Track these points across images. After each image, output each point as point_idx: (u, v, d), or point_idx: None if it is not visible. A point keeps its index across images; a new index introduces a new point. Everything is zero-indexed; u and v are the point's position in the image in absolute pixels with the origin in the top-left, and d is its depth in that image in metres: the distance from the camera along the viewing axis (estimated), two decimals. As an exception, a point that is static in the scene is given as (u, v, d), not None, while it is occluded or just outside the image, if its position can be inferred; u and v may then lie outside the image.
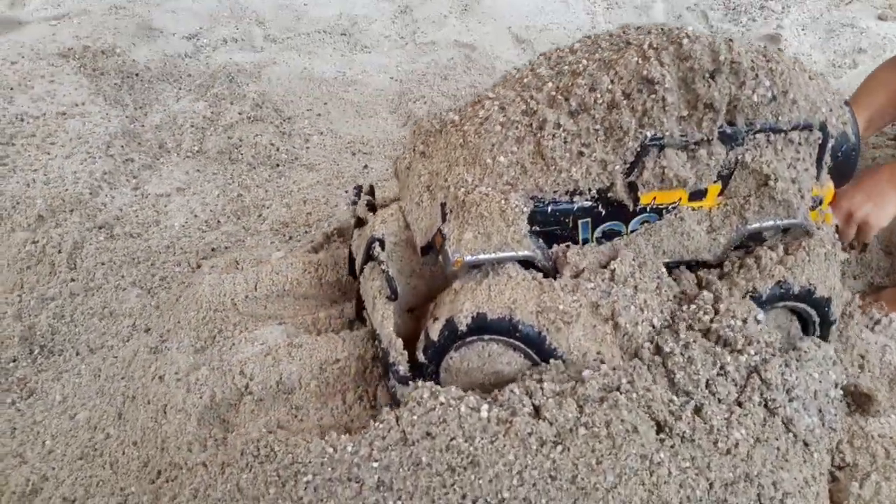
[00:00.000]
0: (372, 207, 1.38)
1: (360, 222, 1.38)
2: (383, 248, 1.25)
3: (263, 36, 2.76)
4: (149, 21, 2.69)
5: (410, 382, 1.14)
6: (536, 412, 1.09)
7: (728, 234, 1.24)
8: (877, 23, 2.80)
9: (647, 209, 1.19)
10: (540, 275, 1.20)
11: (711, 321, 1.17)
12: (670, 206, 1.20)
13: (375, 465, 1.06)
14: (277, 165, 1.98)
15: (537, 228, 1.17)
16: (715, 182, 1.19)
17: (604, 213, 1.18)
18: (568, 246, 1.21)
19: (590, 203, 1.17)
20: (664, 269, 1.25)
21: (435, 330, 1.15)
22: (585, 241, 1.21)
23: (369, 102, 2.30)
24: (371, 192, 1.46)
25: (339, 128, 2.15)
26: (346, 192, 1.87)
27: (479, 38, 2.71)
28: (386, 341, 1.17)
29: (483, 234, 1.13)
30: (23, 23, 2.64)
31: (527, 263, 1.19)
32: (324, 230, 1.69)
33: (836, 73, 2.51)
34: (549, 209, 1.16)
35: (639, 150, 1.11)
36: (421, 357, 1.17)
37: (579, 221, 1.18)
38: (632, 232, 1.22)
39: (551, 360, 1.17)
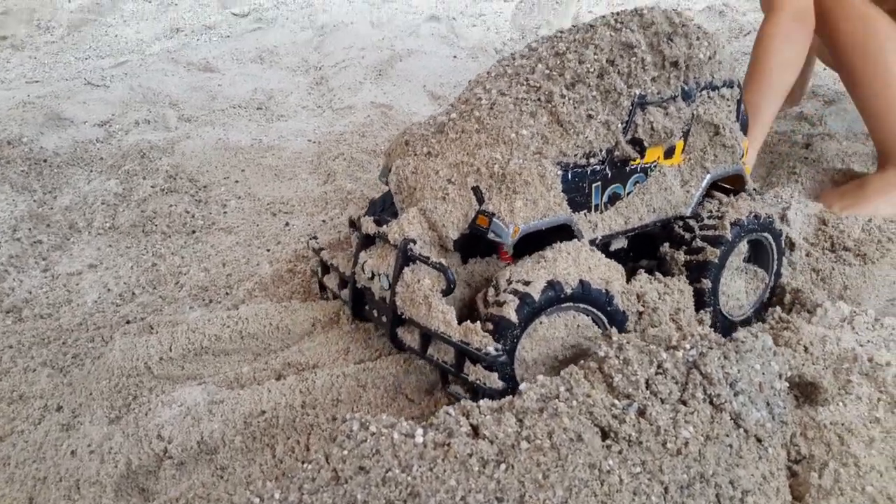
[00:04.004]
0: (378, 223, 1.31)
1: (368, 242, 1.31)
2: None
3: (177, 117, 2.73)
4: (58, 112, 2.64)
5: (503, 357, 1.10)
6: (475, 431, 1.02)
7: (697, 185, 1.36)
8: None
9: (638, 169, 1.28)
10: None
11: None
12: (653, 165, 1.30)
13: (306, 510, 0.97)
14: (194, 232, 1.90)
15: (563, 196, 1.20)
16: (680, 138, 1.31)
17: (609, 175, 1.26)
18: (585, 213, 1.25)
19: (599, 166, 1.24)
20: None
21: (536, 290, 1.11)
22: (597, 207, 1.26)
23: (288, 165, 2.26)
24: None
25: (257, 191, 2.10)
26: (268, 250, 1.81)
27: (396, 98, 2.73)
28: (458, 334, 1.10)
29: (530, 201, 1.15)
30: (-76, 124, 2.56)
31: (565, 231, 1.22)
32: (245, 287, 1.62)
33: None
34: (570, 175, 1.21)
35: (630, 108, 1.22)
36: (513, 317, 1.10)
37: (593, 186, 1.24)
38: (629, 194, 1.30)
39: None
